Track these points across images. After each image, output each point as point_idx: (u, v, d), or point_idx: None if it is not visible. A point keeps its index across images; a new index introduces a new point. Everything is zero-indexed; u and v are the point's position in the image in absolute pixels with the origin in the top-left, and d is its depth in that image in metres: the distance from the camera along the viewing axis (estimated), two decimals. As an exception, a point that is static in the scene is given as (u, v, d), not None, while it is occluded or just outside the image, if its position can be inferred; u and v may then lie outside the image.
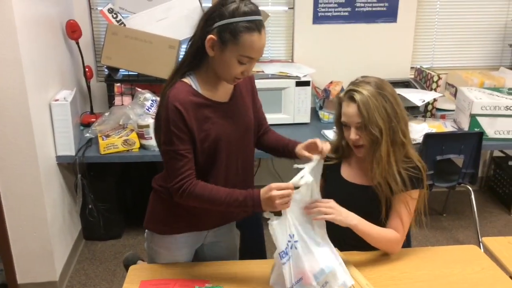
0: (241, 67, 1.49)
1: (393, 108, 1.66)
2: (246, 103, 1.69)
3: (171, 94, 1.51)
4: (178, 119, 1.50)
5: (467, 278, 1.67)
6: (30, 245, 2.61)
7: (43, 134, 2.57)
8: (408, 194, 1.70)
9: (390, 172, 1.68)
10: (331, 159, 1.86)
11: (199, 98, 1.54)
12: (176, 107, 1.49)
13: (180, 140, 1.52)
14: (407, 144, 1.71)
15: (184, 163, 1.53)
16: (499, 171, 3.81)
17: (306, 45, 3.47)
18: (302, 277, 1.51)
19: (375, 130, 1.64)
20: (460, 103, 3.06)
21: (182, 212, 1.69)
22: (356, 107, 1.65)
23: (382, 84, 1.68)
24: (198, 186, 1.53)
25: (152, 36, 2.94)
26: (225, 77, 1.54)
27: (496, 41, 3.67)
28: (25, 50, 2.33)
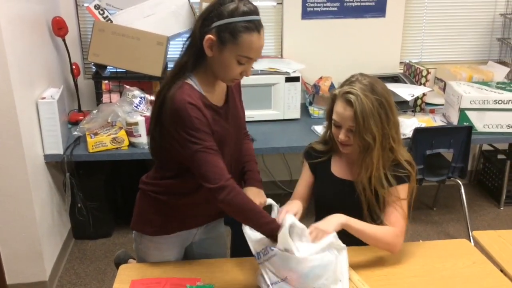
0: (239, 67, 1.47)
1: (387, 114, 1.64)
2: (237, 104, 1.70)
3: (183, 95, 1.45)
4: (201, 116, 1.45)
5: (459, 272, 1.67)
6: (18, 245, 2.58)
7: (30, 133, 2.53)
8: (397, 189, 1.69)
9: (376, 176, 1.67)
10: (321, 155, 1.85)
11: (203, 99, 1.52)
12: (194, 105, 1.45)
13: (209, 136, 1.47)
14: (396, 149, 1.69)
15: (221, 161, 1.47)
16: (488, 165, 3.83)
17: (295, 41, 3.46)
18: (286, 277, 1.48)
19: (368, 137, 1.62)
20: (449, 98, 3.07)
21: (171, 212, 1.68)
22: (352, 112, 1.61)
23: (378, 87, 1.65)
24: (240, 197, 1.48)
25: (139, 32, 2.91)
26: (223, 78, 1.53)
27: (484, 35, 3.69)
28: (10, 48, 2.30)
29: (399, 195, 1.70)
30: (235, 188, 1.47)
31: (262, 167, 3.69)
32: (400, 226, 1.69)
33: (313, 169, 1.88)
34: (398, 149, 1.70)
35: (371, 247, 1.71)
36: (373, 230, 1.66)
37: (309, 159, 1.89)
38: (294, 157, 3.70)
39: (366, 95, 1.61)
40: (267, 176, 3.74)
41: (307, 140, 2.87)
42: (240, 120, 1.70)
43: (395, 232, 1.67)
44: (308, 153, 1.90)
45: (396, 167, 1.70)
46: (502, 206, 3.63)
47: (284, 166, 3.75)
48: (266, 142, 2.88)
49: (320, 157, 1.85)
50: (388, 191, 1.69)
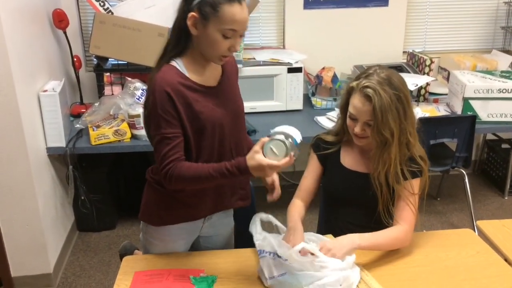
0: (226, 41, 1.46)
1: (404, 109, 1.62)
2: (234, 89, 1.68)
3: (158, 77, 1.49)
4: (166, 102, 1.47)
5: (463, 262, 1.67)
6: (22, 238, 2.59)
7: (33, 125, 2.53)
8: (410, 184, 1.68)
9: (392, 172, 1.66)
10: (330, 146, 1.83)
11: (187, 81, 1.52)
12: (164, 89, 1.47)
13: (168, 123, 1.49)
14: (413, 144, 1.67)
15: (172, 147, 1.50)
16: (492, 154, 3.82)
17: (297, 31, 3.44)
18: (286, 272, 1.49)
19: (386, 133, 1.60)
20: (453, 87, 3.05)
21: (175, 202, 1.68)
22: (370, 107, 1.59)
23: (395, 80, 1.62)
24: (184, 167, 1.50)
25: (140, 24, 2.90)
26: (211, 56, 1.51)
27: (488, 23, 3.66)
28: (11, 41, 2.29)
29: (412, 190, 1.68)
30: (176, 166, 1.48)
31: (265, 159, 3.68)
32: (410, 222, 1.69)
33: (322, 160, 1.86)
34: (414, 144, 1.68)
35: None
36: (385, 239, 1.65)
37: (317, 151, 1.87)
38: (297, 148, 3.69)
39: (385, 89, 1.58)
40: (270, 167, 3.73)
41: (310, 131, 2.88)
42: (236, 105, 1.66)
43: (405, 230, 1.67)
44: (316, 145, 1.87)
45: (410, 162, 1.69)
46: (506, 196, 3.62)
47: (287, 157, 3.73)
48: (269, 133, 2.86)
49: (329, 148, 1.83)
50: (402, 186, 1.67)
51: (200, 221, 1.77)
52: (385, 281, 1.55)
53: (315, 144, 1.88)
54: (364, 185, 1.72)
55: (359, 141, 1.71)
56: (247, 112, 2.97)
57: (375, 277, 1.57)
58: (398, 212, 1.70)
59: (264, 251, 1.57)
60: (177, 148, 1.51)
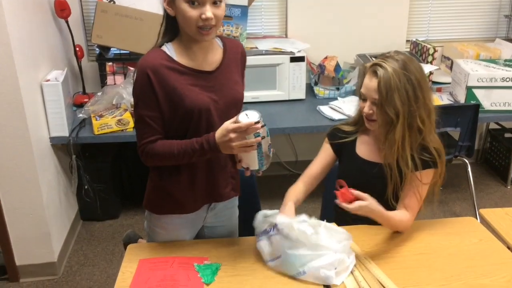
0: (195, 10, 1.44)
1: (415, 92, 1.60)
2: (233, 77, 1.65)
3: (141, 60, 1.52)
4: (145, 83, 1.50)
5: (465, 250, 1.67)
6: (27, 227, 2.60)
7: (36, 115, 2.53)
8: (420, 174, 1.68)
9: (403, 156, 1.65)
10: (346, 135, 1.83)
11: (173, 64, 1.53)
12: (144, 71, 1.49)
13: (145, 104, 1.53)
14: (426, 132, 1.66)
15: (148, 129, 1.55)
16: (495, 144, 3.81)
17: (300, 20, 3.42)
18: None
19: (391, 111, 1.60)
20: (456, 76, 3.04)
21: (164, 194, 1.69)
22: (376, 83, 1.60)
23: (410, 65, 1.62)
24: (158, 145, 1.55)
25: (142, 13, 2.89)
26: (190, 31, 1.49)
27: (491, 12, 3.64)
28: (13, 30, 2.28)
29: (422, 180, 1.68)
30: (151, 146, 1.55)
31: (268, 148, 3.68)
32: (413, 212, 1.71)
33: (337, 150, 1.86)
34: (428, 133, 1.67)
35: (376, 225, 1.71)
36: (394, 215, 1.67)
37: (332, 140, 1.87)
38: (299, 137, 3.69)
39: (395, 69, 1.59)
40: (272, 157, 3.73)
41: (312, 121, 2.89)
42: (233, 92, 1.63)
43: (408, 217, 1.69)
44: (332, 134, 1.87)
45: (422, 151, 1.68)
46: (509, 185, 3.62)
47: (289, 147, 3.74)
48: (271, 122, 2.87)
49: (345, 138, 1.83)
50: (411, 174, 1.67)
51: (203, 211, 1.77)
52: (388, 268, 1.56)
53: (331, 133, 1.88)
54: (377, 175, 1.72)
55: (369, 124, 1.71)
56: (250, 101, 3.01)
57: (378, 265, 1.57)
58: (404, 199, 1.70)
59: (261, 234, 1.60)
60: (154, 130, 1.55)
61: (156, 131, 1.56)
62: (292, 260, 1.51)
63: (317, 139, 3.60)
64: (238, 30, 3.08)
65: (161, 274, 1.55)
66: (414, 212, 1.71)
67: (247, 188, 1.97)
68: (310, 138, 3.65)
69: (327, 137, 1.89)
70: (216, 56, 1.61)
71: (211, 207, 1.78)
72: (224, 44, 1.64)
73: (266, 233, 1.59)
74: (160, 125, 1.56)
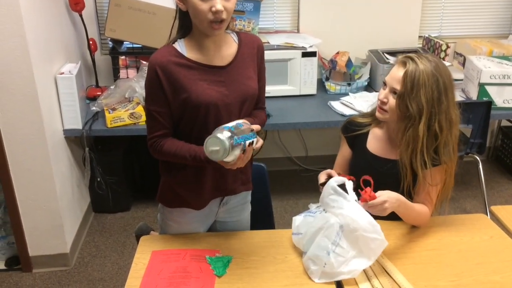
0: (205, 3, 1.44)
1: (440, 95, 1.59)
2: (247, 72, 1.64)
3: (151, 57, 1.56)
4: (153, 79, 1.54)
5: (476, 246, 1.67)
6: (40, 218, 2.64)
7: (50, 107, 2.56)
8: (431, 173, 1.68)
9: (417, 156, 1.64)
10: (359, 128, 1.83)
11: (182, 59, 1.55)
12: (152, 67, 1.53)
13: (154, 100, 1.57)
14: (441, 141, 1.64)
15: (156, 123, 1.59)
16: (507, 141, 3.79)
17: (312, 15, 3.42)
18: None
19: (413, 107, 1.59)
20: (469, 72, 3.02)
21: (177, 186, 1.71)
22: (402, 73, 1.60)
23: (442, 69, 1.61)
24: (166, 144, 1.59)
25: (156, 7, 2.90)
26: (201, 25, 1.50)
27: (504, 8, 3.60)
28: (29, 24, 2.31)
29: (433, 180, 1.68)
30: (160, 143, 1.60)
31: (278, 143, 3.70)
32: (430, 207, 1.73)
33: (351, 143, 1.86)
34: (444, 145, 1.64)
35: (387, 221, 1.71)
36: (417, 208, 1.68)
37: (345, 133, 1.87)
38: (310, 133, 3.70)
39: (426, 66, 1.58)
40: (283, 152, 3.75)
41: (323, 116, 2.89)
42: (245, 88, 1.62)
43: (428, 212, 1.71)
44: (345, 128, 1.87)
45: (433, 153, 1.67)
46: (520, 183, 3.60)
47: (300, 142, 3.75)
48: (282, 117, 2.88)
49: (357, 130, 1.83)
50: (424, 171, 1.67)
51: (215, 205, 1.78)
52: (400, 264, 1.57)
53: (344, 127, 1.88)
54: (387, 172, 1.73)
55: (380, 113, 1.70)
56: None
57: (390, 260, 1.58)
58: (420, 196, 1.71)
59: (305, 212, 1.64)
60: (161, 124, 1.59)
61: (163, 126, 1.59)
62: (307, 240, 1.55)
63: (328, 134, 3.64)
64: (250, 25, 3.08)
65: (174, 266, 1.57)
66: (431, 207, 1.72)
67: (258, 182, 1.98)
68: (321, 133, 3.66)
69: (341, 131, 1.90)
70: (230, 51, 1.62)
71: (223, 201, 1.79)
72: (239, 39, 1.65)
73: (308, 211, 1.63)
74: (168, 121, 1.59)
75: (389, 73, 1.69)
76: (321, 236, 1.50)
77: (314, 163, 3.71)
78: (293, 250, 1.65)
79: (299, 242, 1.62)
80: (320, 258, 1.49)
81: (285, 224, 2.95)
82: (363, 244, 1.47)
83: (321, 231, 1.51)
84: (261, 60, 1.70)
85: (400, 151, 1.69)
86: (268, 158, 3.55)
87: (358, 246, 1.48)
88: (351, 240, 1.48)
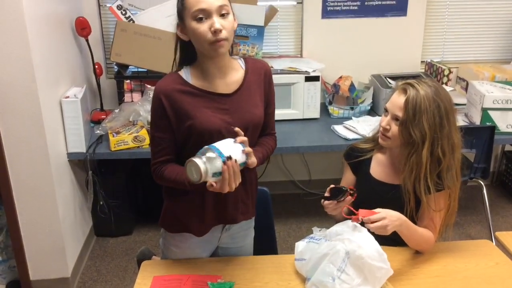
0: (202, 24, 1.47)
1: (442, 121, 1.60)
2: (253, 99, 1.63)
3: (156, 84, 1.59)
4: (158, 107, 1.56)
5: (481, 273, 1.65)
6: (42, 241, 2.63)
7: (54, 131, 2.58)
8: (434, 198, 1.67)
9: (421, 181, 1.64)
10: (361, 154, 1.83)
11: (186, 87, 1.56)
12: (157, 95, 1.56)
13: (158, 126, 1.59)
14: (444, 166, 1.64)
15: (160, 149, 1.61)
16: (511, 166, 3.77)
17: (315, 40, 3.45)
18: None
19: (416, 133, 1.59)
20: (472, 97, 3.03)
21: (178, 213, 1.71)
22: (404, 100, 1.60)
23: (442, 94, 1.62)
24: (167, 170, 1.60)
25: (161, 32, 2.94)
26: (204, 49, 1.52)
27: (507, 34, 3.63)
28: (35, 48, 2.34)
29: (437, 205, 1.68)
30: (161, 168, 1.61)
31: (281, 167, 3.69)
32: (434, 232, 1.71)
33: (354, 169, 1.86)
34: (446, 169, 1.65)
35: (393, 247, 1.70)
36: (421, 232, 1.67)
37: (349, 159, 1.87)
38: (313, 157, 3.69)
39: (427, 92, 1.59)
40: (286, 176, 3.74)
41: (326, 140, 2.90)
42: (250, 115, 1.61)
43: (433, 237, 1.70)
44: (348, 154, 1.88)
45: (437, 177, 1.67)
46: (525, 208, 3.57)
47: (303, 166, 3.74)
48: (286, 141, 2.88)
49: (360, 156, 1.83)
50: (427, 197, 1.66)
51: (217, 231, 1.77)
52: (403, 290, 1.55)
53: (347, 153, 1.89)
54: (391, 197, 1.72)
55: (382, 139, 1.70)
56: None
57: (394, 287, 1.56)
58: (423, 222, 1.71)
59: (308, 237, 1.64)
60: (164, 151, 1.61)
61: (167, 152, 1.61)
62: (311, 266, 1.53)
63: (331, 158, 3.64)
64: (254, 50, 3.12)
65: (175, 291, 1.55)
66: (435, 233, 1.71)
67: (261, 206, 1.97)
68: (324, 157, 3.65)
69: (344, 157, 1.90)
70: (236, 77, 1.62)
71: (226, 228, 1.78)
72: (246, 66, 1.65)
73: (312, 237, 1.63)
74: (171, 147, 1.61)
75: (389, 100, 1.69)
76: (327, 262, 1.49)
77: (318, 187, 3.69)
78: (296, 276, 1.63)
79: (302, 268, 1.60)
80: (324, 284, 1.47)
81: (288, 248, 2.92)
82: (368, 272, 1.46)
83: (327, 257, 1.49)
84: (269, 86, 1.70)
85: (404, 177, 1.68)
86: (271, 182, 3.54)
87: (363, 273, 1.46)
88: (357, 267, 1.47)
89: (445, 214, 1.72)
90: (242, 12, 2.70)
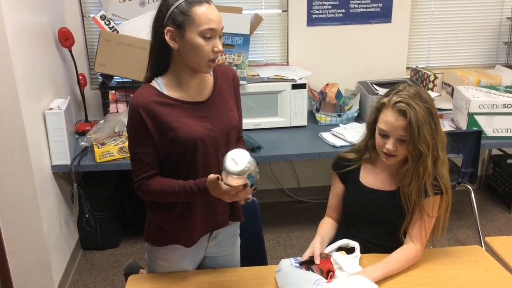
0: (208, 44, 1.47)
1: (435, 123, 1.62)
2: (227, 104, 1.65)
3: (132, 98, 1.54)
4: (137, 121, 1.51)
5: (472, 280, 1.64)
6: (27, 256, 2.57)
7: (38, 143, 2.53)
8: (428, 202, 1.67)
9: (421, 187, 1.65)
10: (350, 163, 1.82)
11: (163, 98, 1.54)
12: (135, 109, 1.51)
13: (139, 142, 1.54)
14: (439, 165, 1.66)
15: (142, 165, 1.56)
16: (498, 170, 3.79)
17: (301, 48, 3.45)
18: None
19: (423, 147, 1.59)
20: (458, 102, 3.04)
21: (163, 225, 1.67)
22: (405, 122, 1.59)
23: (425, 96, 1.63)
24: (153, 183, 1.56)
25: (145, 42, 2.90)
26: (198, 64, 1.51)
27: (491, 39, 3.67)
28: (17, 60, 2.30)
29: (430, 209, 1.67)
30: (146, 184, 1.56)
31: (269, 175, 3.67)
32: (423, 243, 1.70)
33: (343, 179, 1.85)
34: (441, 166, 1.67)
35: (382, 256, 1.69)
36: (398, 263, 1.66)
37: (337, 170, 1.86)
38: (301, 164, 3.68)
39: (417, 103, 1.59)
40: (275, 184, 3.72)
41: (314, 148, 2.89)
42: (227, 119, 1.62)
43: (417, 250, 1.69)
44: (336, 164, 1.87)
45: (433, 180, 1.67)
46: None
47: (291, 173, 3.73)
48: (273, 149, 2.86)
49: (348, 166, 1.82)
50: (426, 202, 1.67)
51: (204, 241, 1.75)
52: (394, 299, 1.53)
53: (335, 164, 1.87)
54: (383, 204, 1.71)
55: (388, 159, 1.68)
56: (252, 128, 3.01)
57: (384, 295, 1.55)
58: (413, 230, 1.69)
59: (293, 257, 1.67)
60: (148, 166, 1.56)
61: (150, 167, 1.57)
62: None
63: (319, 165, 3.63)
64: (240, 58, 3.10)
65: (163, 306, 1.52)
66: (423, 244, 1.70)
67: (250, 216, 1.95)
68: (312, 164, 3.64)
69: (332, 168, 1.88)
70: (206, 84, 1.62)
71: (212, 236, 1.76)
72: (214, 71, 1.65)
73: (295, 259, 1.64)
74: (154, 161, 1.57)
75: (385, 122, 1.64)
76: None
77: (307, 195, 3.68)
78: None
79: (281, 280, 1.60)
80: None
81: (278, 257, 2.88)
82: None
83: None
84: (237, 91, 1.72)
85: (410, 188, 1.67)
86: (259, 191, 3.50)
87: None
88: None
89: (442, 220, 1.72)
90: (227, 21, 2.68)
